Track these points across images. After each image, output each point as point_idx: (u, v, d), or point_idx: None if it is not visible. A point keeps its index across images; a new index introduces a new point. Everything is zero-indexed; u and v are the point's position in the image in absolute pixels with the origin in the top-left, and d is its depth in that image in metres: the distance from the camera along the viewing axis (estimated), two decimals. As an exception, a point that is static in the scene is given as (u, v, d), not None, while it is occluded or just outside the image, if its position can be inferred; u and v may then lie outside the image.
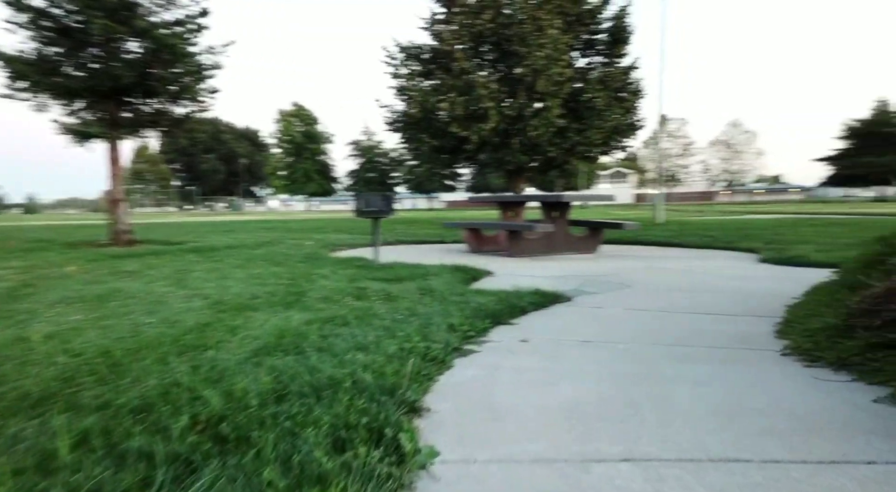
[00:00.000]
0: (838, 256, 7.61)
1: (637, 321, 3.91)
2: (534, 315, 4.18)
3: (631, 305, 4.69)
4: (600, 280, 6.56)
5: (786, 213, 26.67)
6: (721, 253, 9.39)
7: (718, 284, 5.97)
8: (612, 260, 8.64)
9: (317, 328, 3.33)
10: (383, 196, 7.79)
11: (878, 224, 14.42)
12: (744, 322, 3.83)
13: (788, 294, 5.00)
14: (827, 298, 3.63)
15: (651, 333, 3.49)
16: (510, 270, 7.60)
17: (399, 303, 4.28)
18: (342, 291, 5.08)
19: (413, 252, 10.31)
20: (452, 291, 4.99)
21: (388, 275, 6.40)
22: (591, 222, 10.01)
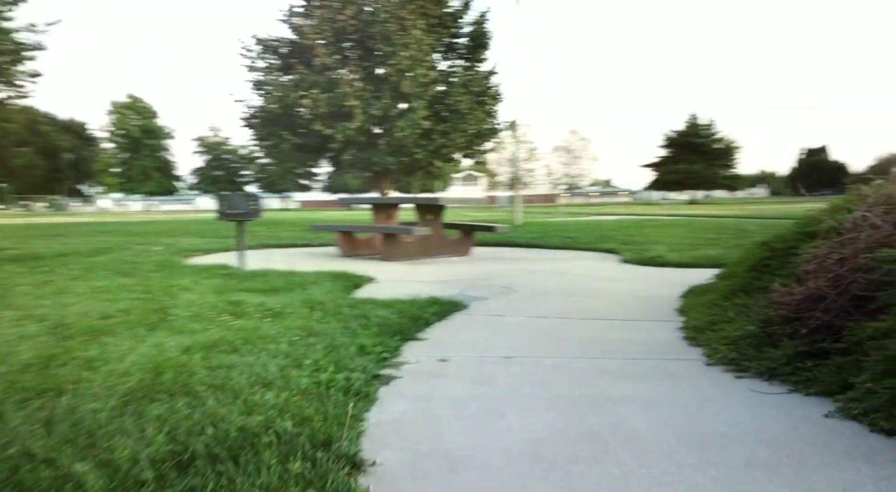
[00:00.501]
0: (689, 257, 8.18)
1: (544, 331, 3.77)
2: (439, 327, 3.90)
3: (528, 312, 4.57)
4: (484, 284, 6.44)
5: (625, 214, 28.88)
6: (584, 254, 9.75)
7: (597, 286, 6.08)
8: (487, 263, 8.62)
9: (200, 358, 2.78)
10: (248, 197, 7.11)
11: (708, 225, 15.96)
12: (646, 328, 3.84)
13: (667, 296, 5.16)
14: (719, 301, 3.73)
15: (567, 345, 3.35)
16: (391, 275, 7.27)
17: (288, 320, 3.79)
18: (214, 306, 4.45)
19: (280, 257, 9.60)
20: (342, 303, 4.56)
21: (261, 285, 5.79)
22: (465, 225, 9.96)
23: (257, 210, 7.11)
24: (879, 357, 2.00)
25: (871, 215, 2.60)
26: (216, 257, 9.57)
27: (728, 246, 9.58)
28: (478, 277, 7.00)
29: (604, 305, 4.87)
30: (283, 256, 9.96)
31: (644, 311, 4.52)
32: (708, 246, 9.79)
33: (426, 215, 9.29)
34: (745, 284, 3.66)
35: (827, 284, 2.45)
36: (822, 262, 2.64)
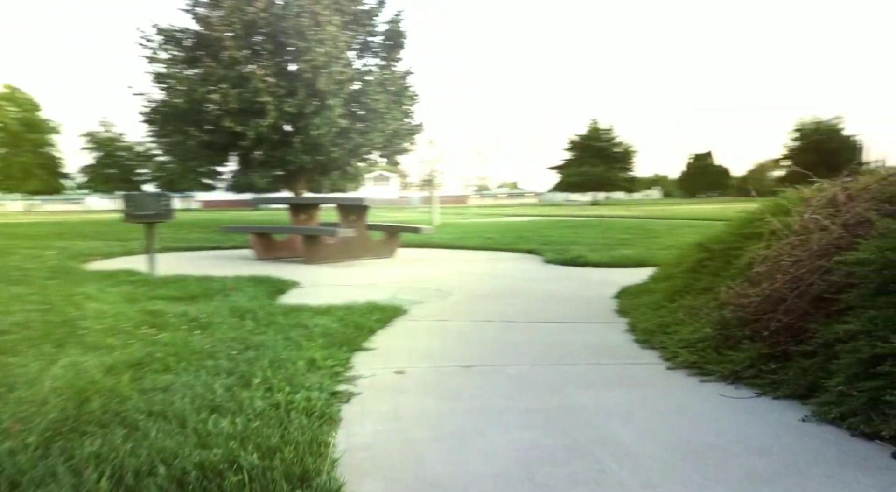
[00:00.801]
0: (608, 257, 8.38)
1: (493, 336, 3.65)
2: (384, 335, 3.69)
3: (470, 316, 4.45)
4: (417, 288, 6.28)
5: (536, 216, 29.58)
6: (507, 255, 9.80)
7: (529, 287, 6.07)
8: (414, 265, 8.46)
9: (129, 379, 2.45)
10: (159, 197, 6.59)
11: (617, 226, 16.56)
12: (594, 331, 3.81)
13: (600, 297, 5.20)
14: (663, 302, 3.77)
15: (522, 351, 3.25)
16: (316, 279, 6.96)
17: (219, 331, 3.47)
18: (129, 317, 4.02)
19: (190, 261, 9.00)
20: (273, 311, 4.26)
21: (177, 292, 5.35)
22: (390, 226, 9.75)
23: (169, 211, 6.59)
24: (852, 360, 2.02)
25: (819, 218, 2.68)
26: (119, 262, 8.83)
27: (639, 246, 9.94)
28: (408, 280, 6.83)
29: (542, 306, 4.84)
30: (193, 259, 9.35)
31: (584, 312, 4.52)
32: (622, 246, 10.11)
33: (349, 216, 9.00)
34: (685, 285, 3.73)
35: (785, 287, 2.49)
36: (775, 264, 2.69)
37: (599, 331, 3.77)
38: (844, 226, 2.48)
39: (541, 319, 4.29)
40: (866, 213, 2.44)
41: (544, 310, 4.67)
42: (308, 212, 9.75)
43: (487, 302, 5.14)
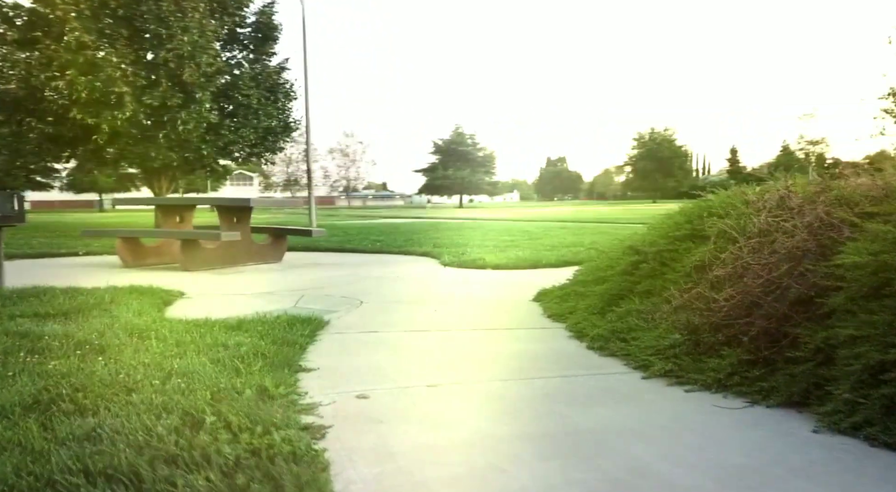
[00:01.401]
0: (504, 259, 8.40)
1: (438, 348, 3.35)
2: (317, 351, 3.28)
3: (398, 326, 4.14)
4: (320, 295, 5.85)
5: (411, 218, 29.57)
6: (401, 258, 9.54)
7: (442, 292, 5.86)
8: (308, 270, 7.93)
9: (37, 426, 1.90)
10: (6, 197, 5.59)
11: (497, 228, 16.90)
12: (538, 338, 3.64)
13: (518, 300, 5.11)
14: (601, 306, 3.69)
15: (479, 365, 2.98)
16: (201, 288, 6.28)
17: (124, 355, 2.89)
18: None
19: (44, 271, 7.80)
20: (176, 328, 3.68)
21: (43, 307, 4.52)
22: (276, 229, 9.09)
23: (19, 213, 5.60)
24: (858, 366, 2.02)
25: (779, 220, 2.73)
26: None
27: (526, 248, 10.13)
28: (308, 287, 6.36)
29: (467, 312, 4.63)
30: (46, 268, 8.12)
31: (514, 318, 4.37)
32: (510, 248, 10.22)
33: (231, 218, 8.28)
34: (623, 288, 3.71)
35: (758, 290, 2.49)
36: (737, 267, 2.70)
37: (543, 338, 3.63)
38: (809, 228, 2.54)
39: (474, 326, 4.08)
40: (830, 216, 2.52)
41: (472, 316, 4.46)
42: (181, 214, 8.85)
43: (405, 309, 4.86)
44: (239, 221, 8.34)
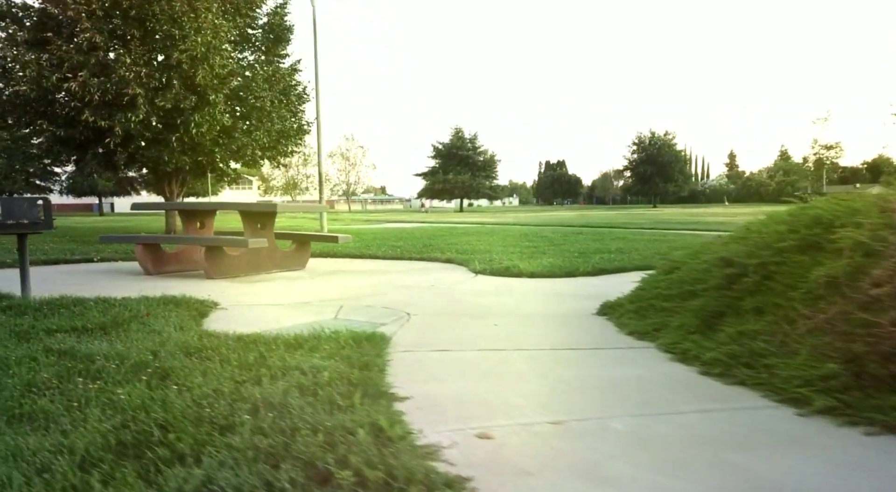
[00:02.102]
0: (538, 266, 8.10)
1: (530, 372, 2.97)
2: (396, 374, 2.96)
3: (464, 343, 3.78)
4: (360, 306, 5.57)
5: (418, 222, 29.30)
6: (427, 265, 9.25)
7: (492, 304, 5.52)
8: (335, 278, 7.65)
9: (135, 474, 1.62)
10: (33, 202, 5.30)
11: (513, 233, 16.64)
12: (631, 360, 3.27)
13: (580, 313, 4.78)
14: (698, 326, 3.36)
15: (593, 395, 2.62)
16: (234, 298, 5.99)
17: (191, 382, 2.60)
18: (39, 364, 2.99)
19: (64, 278, 7.50)
20: (232, 346, 3.40)
21: (76, 321, 4.23)
22: (301, 235, 8.81)
23: (47, 220, 5.32)
24: None
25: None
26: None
27: (553, 255, 9.87)
28: (343, 297, 6.08)
29: (531, 327, 4.29)
30: (66, 275, 7.83)
31: (589, 335, 3.99)
32: (538, 254, 9.95)
33: (256, 224, 8.00)
34: (722, 304, 3.40)
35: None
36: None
37: (640, 361, 3.29)
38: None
39: (551, 344, 3.75)
40: None
41: (540, 332, 4.14)
42: (202, 219, 8.57)
43: (463, 323, 4.56)
44: (263, 227, 8.07)
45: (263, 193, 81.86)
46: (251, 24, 15.79)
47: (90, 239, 13.87)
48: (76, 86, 11.87)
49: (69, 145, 13.26)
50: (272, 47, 15.77)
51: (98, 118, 12.02)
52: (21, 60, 12.57)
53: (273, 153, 15.32)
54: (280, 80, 14.95)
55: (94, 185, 61.29)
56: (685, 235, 15.32)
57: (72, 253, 10.18)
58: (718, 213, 37.00)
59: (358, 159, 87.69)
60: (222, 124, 13.14)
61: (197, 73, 12.92)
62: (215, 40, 13.25)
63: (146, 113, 12.39)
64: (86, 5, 12.70)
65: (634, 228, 19.57)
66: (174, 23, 13.00)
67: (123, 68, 12.27)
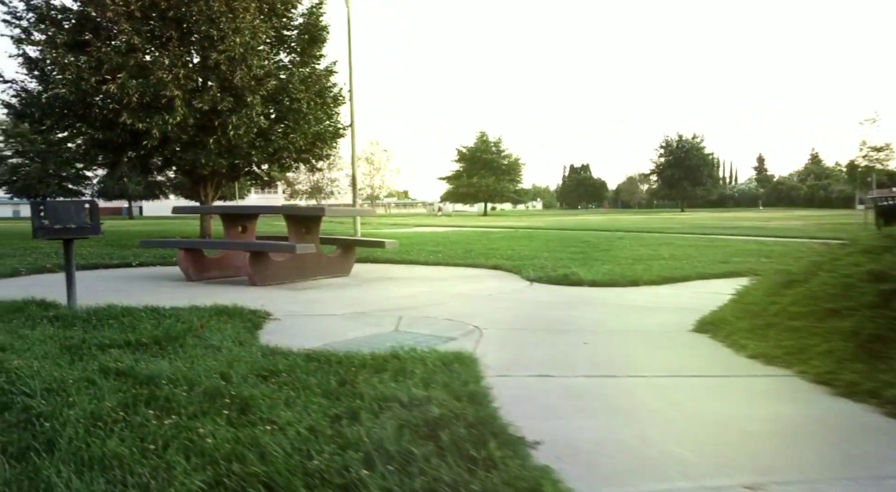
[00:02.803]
0: (599, 274, 7.59)
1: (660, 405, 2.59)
2: (507, 407, 2.55)
3: (566, 367, 3.25)
4: (419, 317, 5.18)
5: (448, 226, 28.93)
6: (477, 272, 8.82)
7: (565, 317, 5.03)
8: (384, 285, 7.28)
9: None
10: (81, 206, 5.01)
11: (552, 237, 16.15)
12: (780, 394, 2.70)
13: (672, 329, 4.28)
14: (856, 351, 2.87)
15: (762, 442, 2.12)
16: (283, 306, 5.65)
17: (282, 415, 2.23)
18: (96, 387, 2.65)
19: (105, 284, 7.25)
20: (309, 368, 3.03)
21: (130, 334, 3.91)
22: (346, 240, 8.47)
23: (96, 225, 5.02)
24: None
25: None
26: (4, 287, 6.92)
27: (605, 261, 9.39)
28: (399, 307, 5.71)
29: (629, 347, 3.80)
30: (107, 281, 7.58)
31: (702, 357, 3.44)
32: (589, 261, 9.48)
33: (301, 229, 7.68)
34: (885, 327, 2.87)
35: None
36: None
37: (792, 394, 2.68)
38: None
39: (672, 370, 3.23)
40: None
41: (648, 355, 3.58)
42: (245, 223, 8.28)
43: (547, 340, 4.13)
44: (308, 232, 7.74)
45: (289, 197, 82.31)
46: (287, 24, 15.57)
47: (126, 243, 13.72)
48: (114, 88, 11.71)
49: (106, 148, 13.12)
50: (307, 48, 15.52)
51: (135, 120, 11.85)
52: (60, 63, 12.46)
53: (308, 156, 15.05)
54: (316, 81, 14.69)
55: (124, 188, 62.16)
56: (731, 240, 14.72)
57: (110, 257, 9.98)
58: (752, 217, 36.06)
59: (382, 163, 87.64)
60: (259, 126, 12.90)
61: (234, 74, 12.71)
62: (253, 41, 13.03)
63: (183, 115, 12.19)
64: (124, 6, 12.56)
65: (672, 232, 18.95)
66: (212, 23, 12.81)
67: (161, 70, 12.09)
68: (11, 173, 55.33)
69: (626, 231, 20.11)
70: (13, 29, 13.39)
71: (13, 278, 7.87)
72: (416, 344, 4.07)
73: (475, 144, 76.40)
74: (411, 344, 4.09)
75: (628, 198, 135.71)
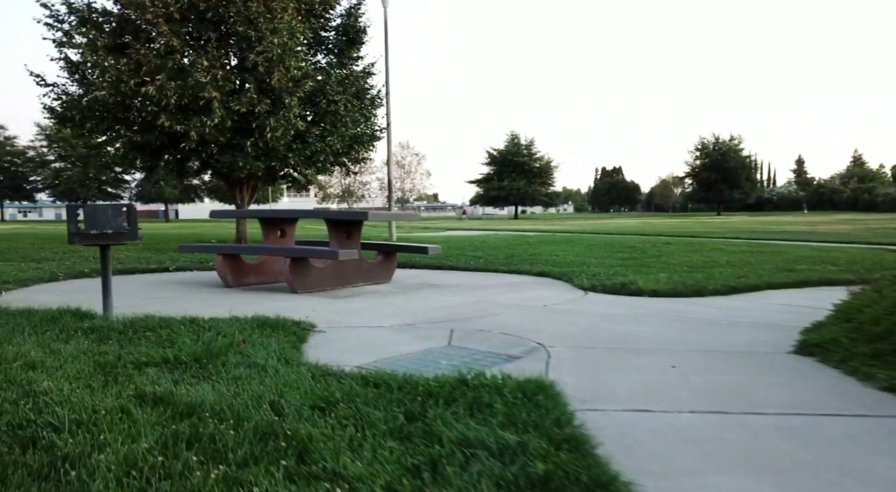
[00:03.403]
0: (660, 282, 7.05)
1: (820, 464, 2.14)
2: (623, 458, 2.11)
3: (662, 398, 2.78)
4: (472, 330, 4.78)
5: (481, 229, 28.50)
6: (521, 279, 8.38)
7: (634, 332, 4.57)
8: (428, 293, 6.89)
9: None
10: (118, 211, 4.73)
11: (596, 241, 15.60)
12: None
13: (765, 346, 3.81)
14: None
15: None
16: (325, 316, 5.31)
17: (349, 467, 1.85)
18: (123, 421, 2.32)
19: (141, 290, 7.02)
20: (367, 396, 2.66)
21: (169, 351, 3.59)
22: (388, 245, 8.12)
23: (133, 230, 4.74)
24: None
25: None
26: (42, 292, 6.74)
27: (659, 267, 8.87)
28: (448, 318, 5.31)
29: (724, 373, 3.28)
30: (143, 287, 7.36)
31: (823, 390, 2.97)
32: (643, 269, 8.94)
33: (343, 233, 7.35)
34: None
35: None
36: None
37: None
38: None
39: (793, 405, 2.74)
40: None
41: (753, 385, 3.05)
42: (284, 227, 7.99)
43: (625, 362, 3.66)
44: (350, 236, 7.41)
45: (321, 201, 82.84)
46: (325, 26, 15.34)
47: (163, 246, 13.63)
48: (153, 89, 11.60)
49: (144, 151, 13.04)
50: (345, 50, 15.27)
51: (173, 123, 11.71)
52: (100, 65, 12.40)
53: (346, 159, 14.79)
54: (353, 82, 14.43)
55: (160, 192, 63.26)
56: (782, 245, 13.99)
57: (147, 262, 9.81)
58: (795, 221, 34.81)
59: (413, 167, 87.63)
60: (296, 128, 12.67)
61: (272, 75, 12.50)
62: (291, 41, 12.81)
63: (221, 117, 12.02)
64: (164, 8, 12.46)
65: (717, 237, 18.21)
66: (250, 24, 12.63)
67: (200, 72, 11.94)
68: (54, 177, 56.82)
69: (668, 236, 19.41)
70: (55, 32, 13.42)
71: (51, 283, 7.71)
72: (475, 363, 3.68)
73: (506, 147, 75.66)
74: (469, 362, 3.70)
75: (662, 201, 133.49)
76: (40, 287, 7.26)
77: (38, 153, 59.55)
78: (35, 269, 8.65)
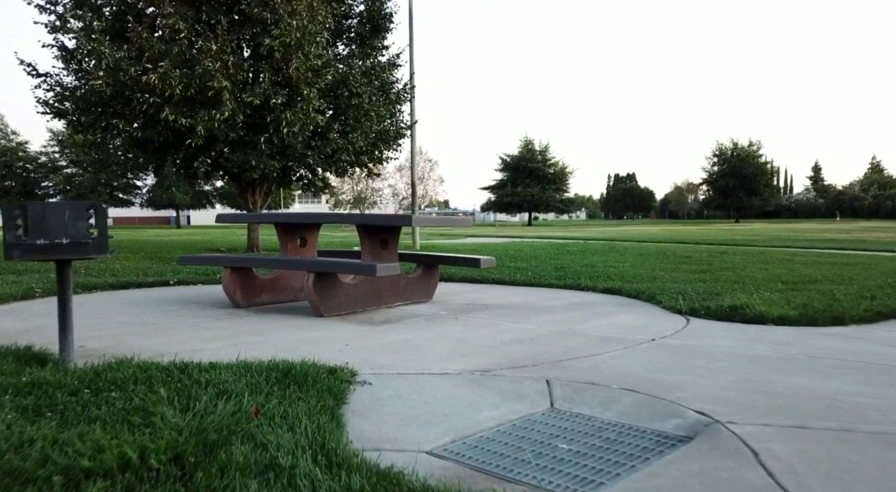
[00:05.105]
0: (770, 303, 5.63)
1: None
2: None
3: None
4: (578, 383, 3.33)
5: (500, 236, 27.06)
6: (590, 297, 6.92)
7: (827, 389, 3.11)
8: (486, 317, 5.43)
9: None
10: (79, 210, 3.33)
11: (636, 249, 14.10)
12: None
13: None
14: None
15: None
16: (366, 356, 3.89)
17: None
18: None
19: (128, 313, 5.62)
20: None
21: (134, 435, 2.19)
22: (430, 256, 6.70)
23: (100, 241, 3.33)
24: None
25: None
26: (2, 317, 5.37)
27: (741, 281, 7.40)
28: (529, 358, 3.90)
29: None
30: (132, 307, 5.97)
31: None
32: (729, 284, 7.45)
33: (377, 242, 5.94)
34: None
35: None
36: None
37: None
38: None
39: None
40: None
41: None
42: (304, 235, 6.60)
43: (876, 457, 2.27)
44: (386, 246, 6.00)
45: (332, 206, 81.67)
46: (347, 12, 14.00)
47: (167, 255, 12.30)
48: (156, 78, 10.27)
49: (146, 149, 11.70)
50: (368, 39, 13.91)
51: (178, 116, 10.37)
52: (97, 51, 11.08)
53: (367, 159, 13.39)
54: (378, 74, 13.06)
55: (172, 198, 62.15)
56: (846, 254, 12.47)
57: (145, 273, 8.46)
58: (825, 229, 33.08)
59: (426, 173, 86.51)
60: (315, 123, 11.30)
61: (290, 62, 11.15)
62: (311, 25, 11.45)
63: (232, 110, 10.68)
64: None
65: (761, 245, 16.60)
66: (265, 5, 11.30)
67: (208, 59, 10.61)
68: (66, 182, 55.89)
69: (708, 244, 17.84)
70: (49, 15, 12.14)
71: (23, 302, 6.36)
72: (610, 448, 2.26)
73: (519, 152, 74.22)
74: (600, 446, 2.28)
75: (677, 208, 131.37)
76: (6, 308, 5.89)
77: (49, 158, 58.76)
78: (11, 283, 7.30)
